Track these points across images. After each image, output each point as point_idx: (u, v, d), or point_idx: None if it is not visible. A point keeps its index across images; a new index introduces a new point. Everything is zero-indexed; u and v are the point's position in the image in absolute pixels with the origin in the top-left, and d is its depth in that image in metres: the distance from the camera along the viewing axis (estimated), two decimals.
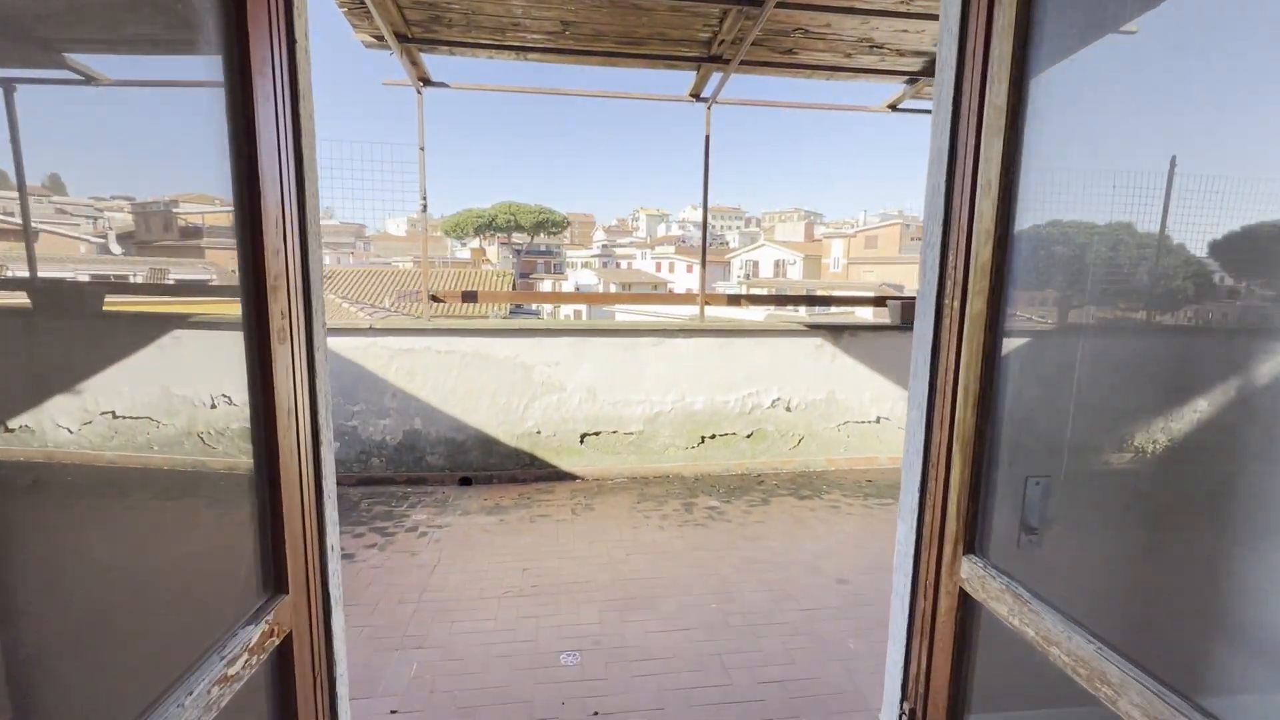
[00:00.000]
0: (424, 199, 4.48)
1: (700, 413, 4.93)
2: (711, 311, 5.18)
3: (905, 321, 5.11)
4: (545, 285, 65.87)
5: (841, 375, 5.07)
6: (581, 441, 4.82)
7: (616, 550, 3.61)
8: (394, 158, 4.57)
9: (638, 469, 4.89)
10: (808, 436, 5.11)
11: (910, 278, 49.18)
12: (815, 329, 4.97)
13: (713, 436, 4.98)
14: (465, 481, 4.71)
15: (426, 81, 4.51)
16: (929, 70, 4.32)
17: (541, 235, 70.10)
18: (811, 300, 5.85)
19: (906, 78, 4.54)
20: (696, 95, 4.63)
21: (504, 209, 63.52)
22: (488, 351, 4.62)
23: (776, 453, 5.08)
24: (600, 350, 4.73)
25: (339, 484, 4.46)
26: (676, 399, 4.88)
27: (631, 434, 4.87)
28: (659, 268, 67.90)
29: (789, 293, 43.55)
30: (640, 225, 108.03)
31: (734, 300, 5.26)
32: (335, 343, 4.45)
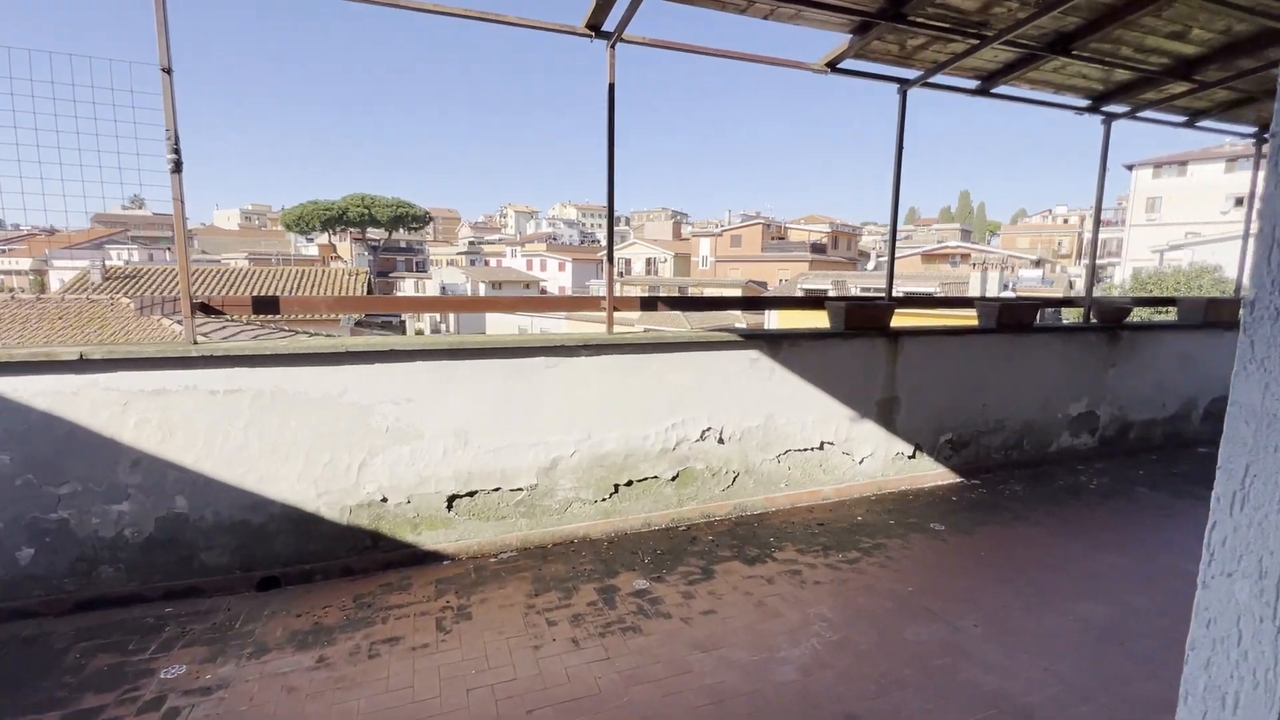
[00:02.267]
0: (175, 151, 2.81)
1: (612, 454, 3.73)
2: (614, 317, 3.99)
3: (850, 327, 4.28)
4: (407, 285, 60.97)
5: (781, 394, 4.12)
6: (450, 507, 3.42)
7: (512, 705, 2.30)
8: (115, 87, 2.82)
9: (531, 537, 3.58)
10: (744, 473, 4.11)
11: (771, 274, 51.67)
12: (751, 339, 3.97)
13: (629, 483, 3.81)
14: (268, 584, 3.12)
15: None
16: (892, 13, 3.47)
17: (401, 231, 64.82)
18: (747, 302, 4.89)
19: (856, 23, 3.66)
20: (595, 28, 3.42)
21: (356, 201, 57.72)
22: (298, 388, 3.07)
23: (708, 496, 4.02)
24: (474, 377, 3.36)
25: (34, 617, 2.70)
26: (581, 438, 3.64)
27: (521, 490, 3.55)
28: (530, 266, 65.66)
29: (719, 293, 43.55)
30: (509, 222, 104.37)
31: (648, 304, 4.12)
32: (12, 386, 2.68)
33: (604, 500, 3.75)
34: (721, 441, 4.00)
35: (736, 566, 3.39)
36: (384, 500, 3.28)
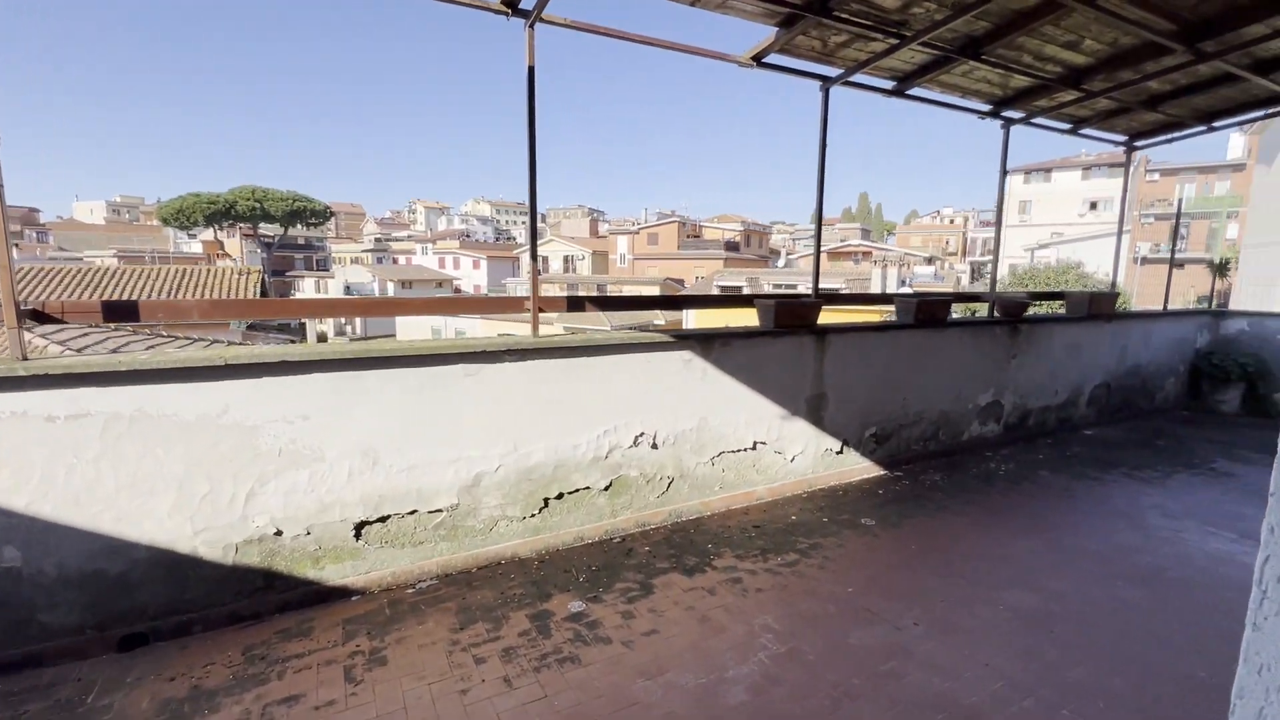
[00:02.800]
0: None
1: (541, 466, 3.47)
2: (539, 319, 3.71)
3: (780, 326, 4.24)
4: (307, 285, 56.91)
5: (715, 396, 4.02)
6: (358, 535, 3.04)
7: None
8: None
9: (453, 561, 3.26)
10: (678, 478, 3.97)
11: (687, 271, 52.56)
12: (684, 339, 3.84)
13: (560, 496, 3.56)
14: (133, 643, 2.63)
15: None
16: (818, 6, 3.42)
17: (299, 227, 60.43)
18: (676, 301, 4.71)
19: (783, 15, 3.59)
20: (512, 5, 3.14)
21: (246, 194, 53.19)
22: (166, 409, 2.60)
23: (642, 504, 3.85)
24: (383, 389, 3.00)
25: None
26: (506, 451, 3.36)
27: (440, 511, 3.23)
28: (442, 264, 63.20)
29: (643, 291, 42.99)
30: (419, 218, 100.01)
31: (575, 305, 3.88)
32: None
33: (533, 516, 3.49)
34: (655, 446, 3.84)
35: (676, 579, 3.24)
36: (278, 534, 2.86)
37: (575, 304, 3.81)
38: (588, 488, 3.64)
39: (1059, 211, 48.08)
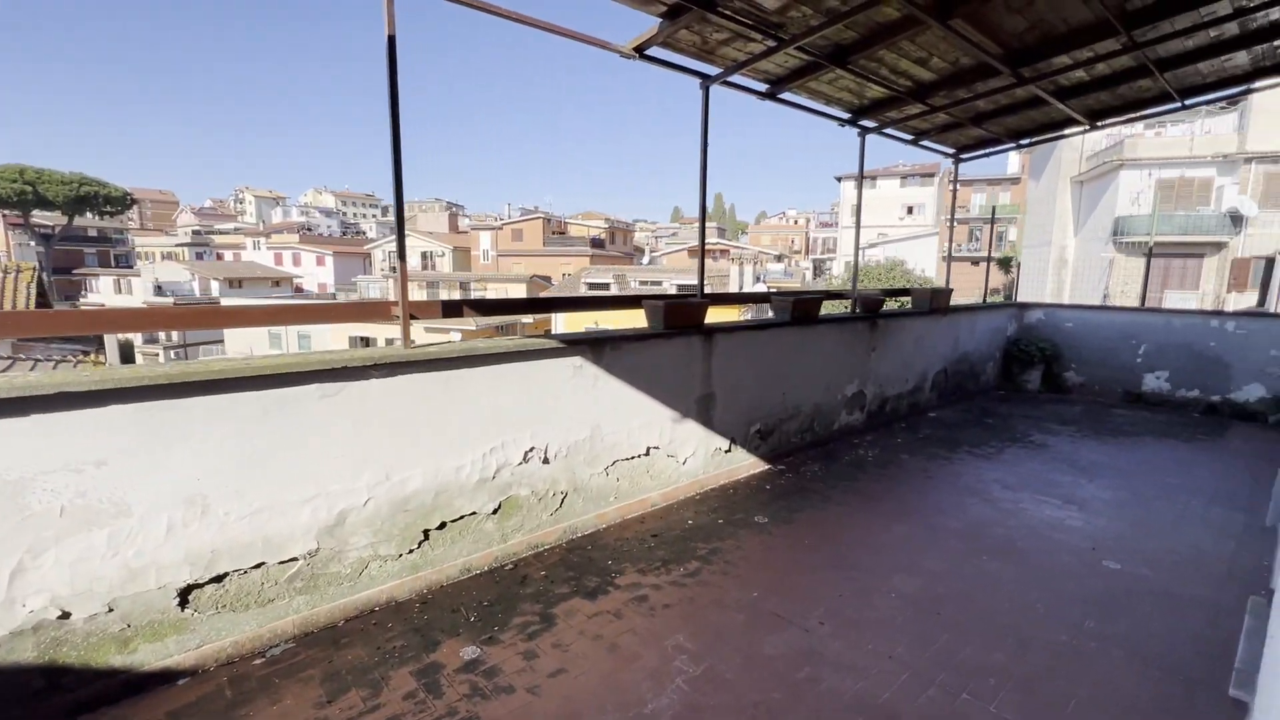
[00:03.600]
0: None
1: (419, 494, 3.05)
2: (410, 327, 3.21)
3: (670, 327, 4.14)
4: (103, 284, 48.18)
5: (607, 402, 3.82)
6: (184, 603, 2.45)
7: None
8: None
9: (314, 617, 2.76)
10: (572, 492, 3.72)
11: (554, 268, 51.97)
12: (574, 345, 3.59)
13: (442, 526, 3.17)
14: None
15: None
16: (704, 0, 3.33)
17: (89, 216, 51.07)
18: (564, 303, 4.37)
19: (668, 7, 3.46)
20: None
21: (12, 174, 43.85)
22: None
23: (534, 524, 3.56)
24: (212, 420, 2.43)
25: None
26: (377, 481, 2.90)
27: (295, 560, 2.70)
28: (280, 260, 56.77)
29: (513, 289, 40.62)
30: (248, 209, 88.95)
31: (451, 310, 3.45)
32: None
33: (411, 552, 3.06)
34: (547, 461, 3.56)
35: (578, 604, 3.01)
36: (64, 616, 2.20)
37: (451, 309, 3.40)
38: (474, 513, 3.28)
39: (883, 214, 54.16)
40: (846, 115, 5.48)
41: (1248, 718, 2.22)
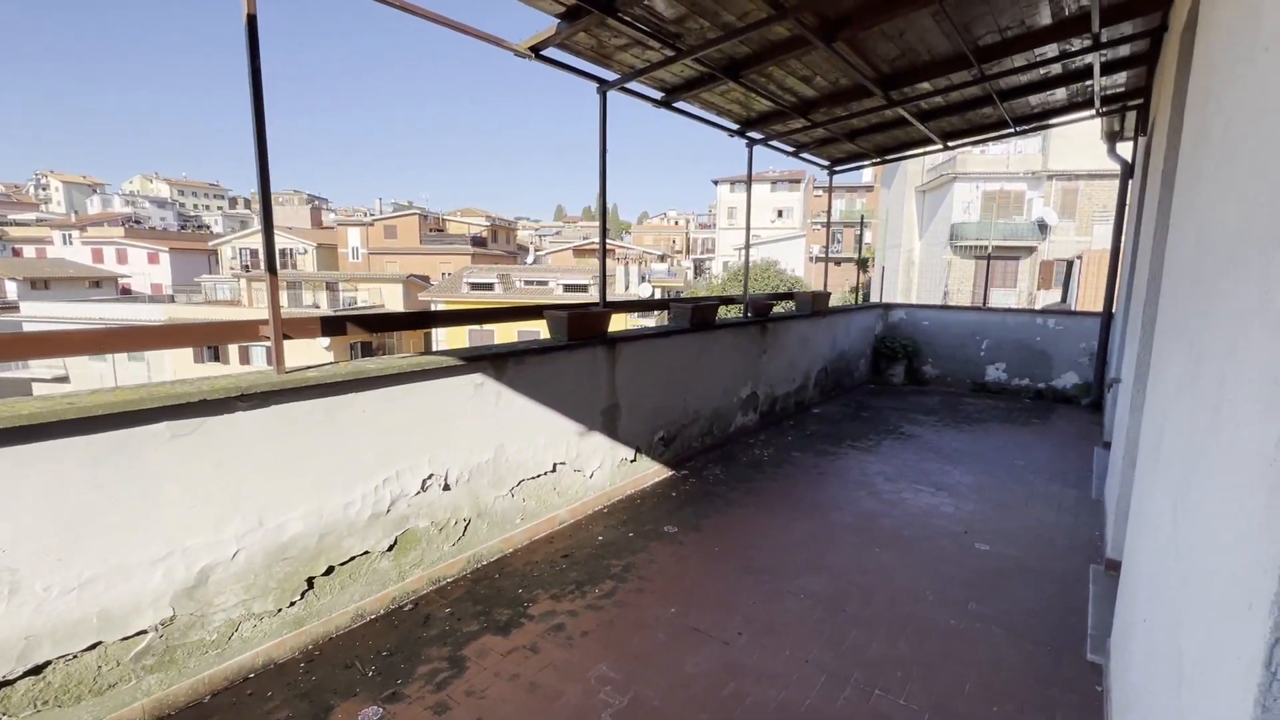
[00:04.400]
0: None
1: (300, 538, 2.69)
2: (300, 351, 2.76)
3: (574, 338, 4.01)
4: None
5: (511, 420, 3.62)
6: None
7: None
8: None
9: (171, 697, 2.33)
10: (476, 518, 3.49)
11: (432, 267, 49.44)
12: (475, 361, 3.35)
13: (329, 571, 2.82)
14: None
15: None
16: (604, 4, 3.21)
17: None
18: (446, 318, 3.99)
19: (567, 7, 3.32)
20: None
21: None
22: None
23: (436, 556, 3.28)
24: (23, 474, 1.95)
25: None
26: (248, 527, 2.51)
27: (144, 634, 2.26)
28: (100, 257, 49.05)
29: (387, 289, 37.04)
30: (55, 196, 75.93)
31: (333, 326, 3.06)
32: None
33: (293, 605, 2.69)
34: (448, 488, 3.30)
35: (491, 642, 2.80)
36: None
37: (333, 326, 3.03)
38: (366, 552, 2.95)
39: (755, 217, 57.34)
40: (736, 126, 5.64)
41: (1105, 679, 2.53)
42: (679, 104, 4.83)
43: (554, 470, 3.96)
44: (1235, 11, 1.49)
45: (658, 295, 35.41)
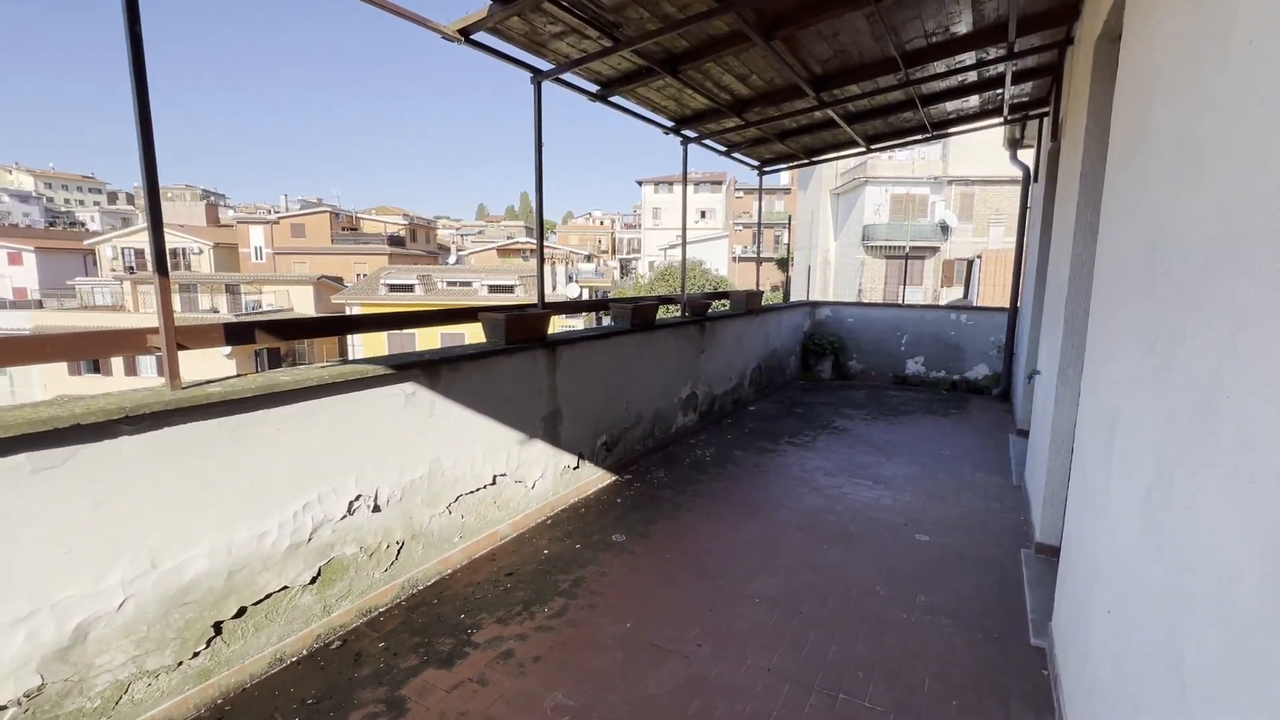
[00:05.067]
0: None
1: (205, 578, 2.34)
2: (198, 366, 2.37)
3: (512, 341, 3.78)
4: None
5: (447, 431, 3.35)
6: None
7: None
8: None
9: None
10: (410, 539, 3.20)
11: (345, 269, 46.76)
12: (405, 369, 3.07)
13: (240, 613, 2.47)
14: None
15: None
16: None
17: None
18: (369, 322, 3.60)
19: None
20: None
21: None
22: None
23: (366, 585, 2.98)
24: None
25: None
26: (138, 572, 2.14)
27: (2, 710, 1.87)
28: None
29: (296, 290, 34.13)
30: None
31: (238, 334, 2.68)
32: None
33: (197, 655, 2.33)
34: (378, 509, 3.00)
35: (433, 676, 2.56)
36: None
37: (238, 333, 2.67)
38: (285, 587, 2.62)
39: (679, 217, 58.08)
40: (671, 124, 5.57)
41: (1051, 664, 2.62)
42: (615, 98, 4.69)
43: (494, 483, 3.72)
44: (1184, 18, 1.52)
45: (585, 295, 35.15)
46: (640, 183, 60.97)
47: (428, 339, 26.68)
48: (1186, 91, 1.45)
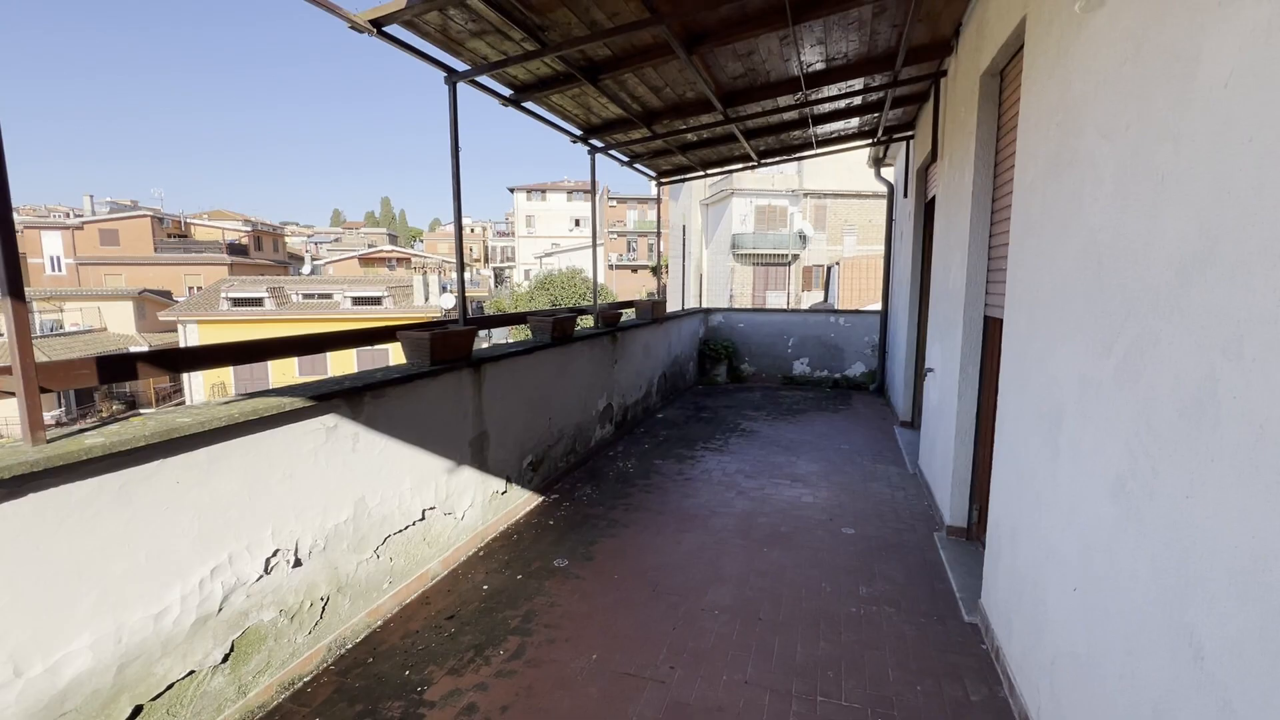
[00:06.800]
0: None
1: (89, 678, 1.87)
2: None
3: (437, 361, 3.46)
4: None
5: (372, 466, 2.99)
6: None
7: None
8: None
9: None
10: (336, 592, 2.81)
11: (174, 281, 40.91)
12: (325, 400, 2.68)
13: (136, 712, 2.00)
14: None
15: None
16: None
17: None
18: (292, 345, 3.03)
19: None
20: None
21: None
22: None
23: (289, 653, 2.56)
24: None
25: None
26: None
27: None
28: None
29: (114, 307, 28.12)
30: None
31: (114, 370, 2.16)
32: None
33: None
34: (299, 563, 2.60)
35: None
36: None
37: (115, 367, 2.16)
38: (192, 672, 2.17)
39: (555, 225, 57.97)
40: (579, 132, 5.47)
41: (989, 637, 2.87)
42: (528, 104, 4.51)
43: (423, 518, 3.38)
44: (1122, 60, 1.72)
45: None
46: (512, 190, 59.80)
47: (282, 370, 24.16)
48: (1133, 126, 1.64)
